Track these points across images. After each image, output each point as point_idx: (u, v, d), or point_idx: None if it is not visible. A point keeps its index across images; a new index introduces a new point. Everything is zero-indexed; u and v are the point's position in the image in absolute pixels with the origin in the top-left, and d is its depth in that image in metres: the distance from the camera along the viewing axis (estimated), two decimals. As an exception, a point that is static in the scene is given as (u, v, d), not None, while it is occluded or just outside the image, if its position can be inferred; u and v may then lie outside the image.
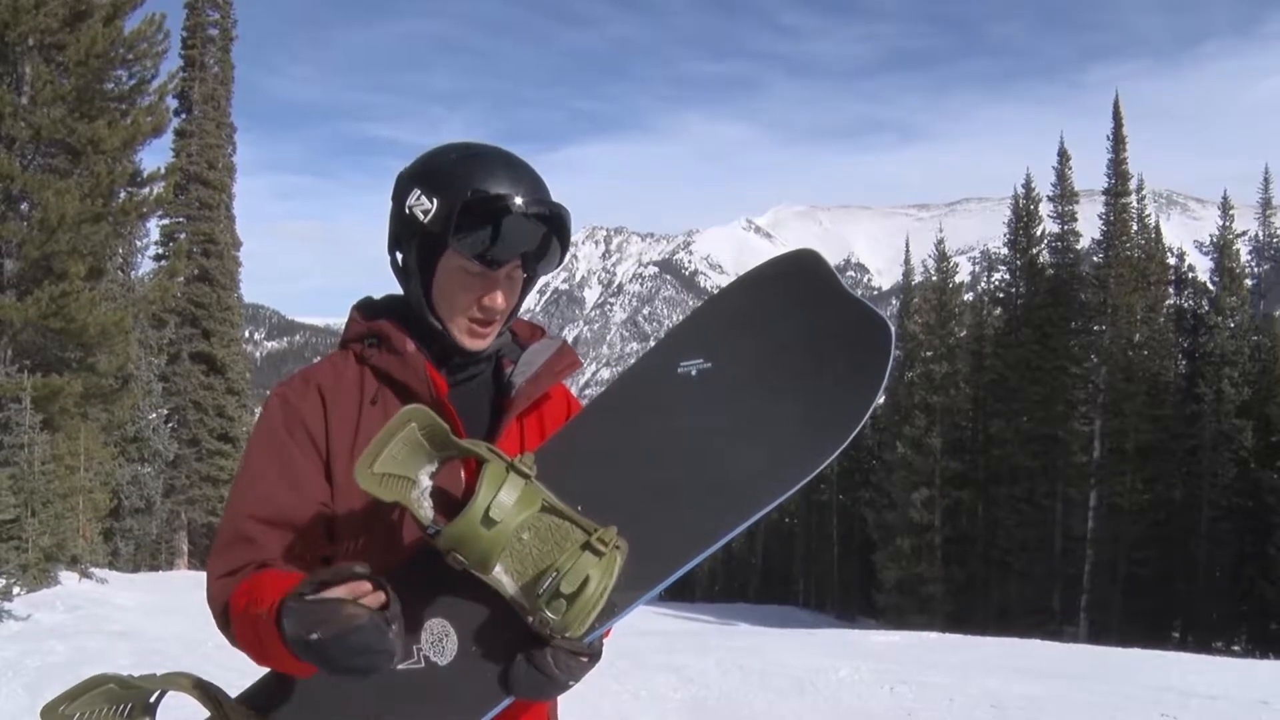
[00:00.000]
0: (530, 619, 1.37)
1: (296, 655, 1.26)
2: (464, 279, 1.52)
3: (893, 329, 1.54)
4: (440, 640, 1.44)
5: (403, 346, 1.54)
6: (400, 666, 1.42)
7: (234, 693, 1.49)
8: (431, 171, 1.53)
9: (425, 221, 1.49)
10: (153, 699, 1.40)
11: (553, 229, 1.52)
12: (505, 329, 1.61)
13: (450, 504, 1.44)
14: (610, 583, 1.37)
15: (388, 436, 1.36)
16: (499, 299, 1.52)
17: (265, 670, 1.49)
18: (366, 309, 1.64)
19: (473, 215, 1.46)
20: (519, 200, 1.47)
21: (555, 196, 1.55)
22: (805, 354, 1.54)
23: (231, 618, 1.42)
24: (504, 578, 1.39)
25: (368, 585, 1.27)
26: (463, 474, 1.52)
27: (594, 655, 1.41)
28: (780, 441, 1.50)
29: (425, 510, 1.38)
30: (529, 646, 1.39)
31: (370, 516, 1.49)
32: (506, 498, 1.36)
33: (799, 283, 1.59)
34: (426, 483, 1.40)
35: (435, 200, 1.49)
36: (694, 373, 1.55)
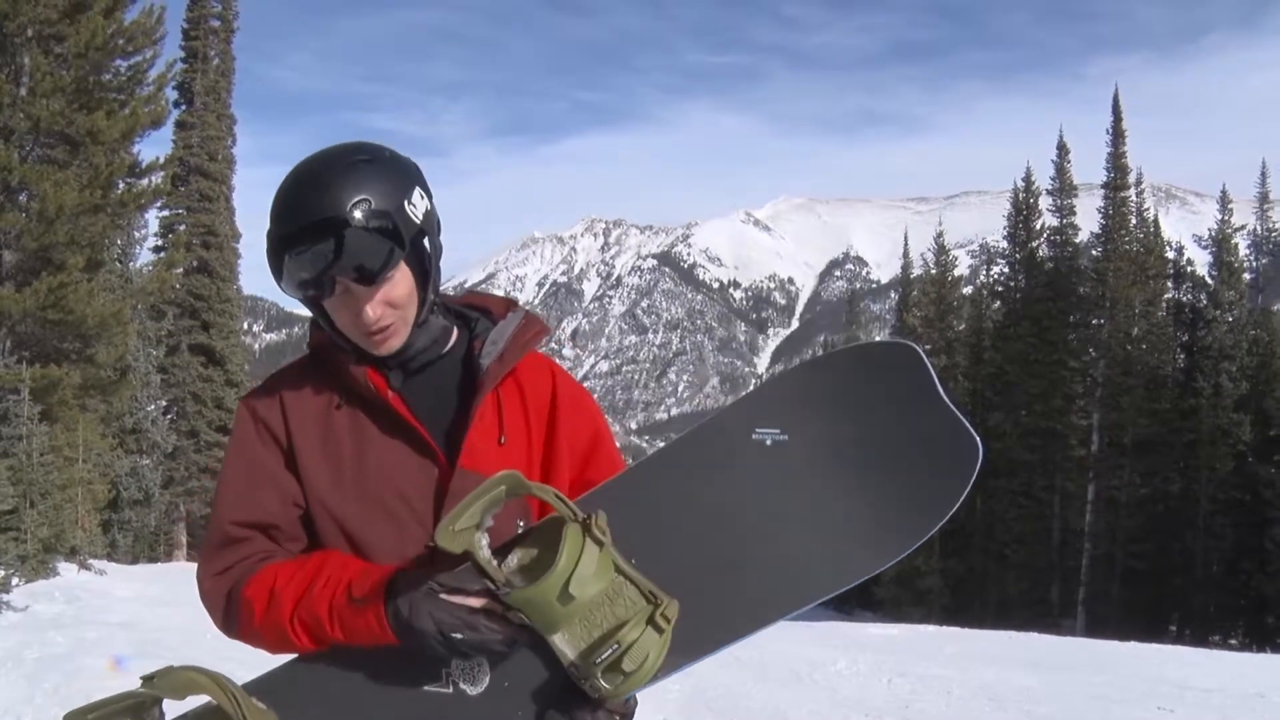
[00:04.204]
0: (582, 682, 1.38)
1: (404, 636, 1.39)
2: (335, 305, 1.49)
3: (980, 447, 1.47)
4: (473, 669, 1.44)
5: (345, 363, 1.54)
6: (428, 688, 1.43)
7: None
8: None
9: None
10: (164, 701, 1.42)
11: (380, 233, 1.42)
12: (426, 316, 1.56)
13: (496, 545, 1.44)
14: (663, 658, 1.38)
15: (475, 499, 1.35)
16: (367, 314, 1.47)
17: (269, 664, 1.52)
18: (316, 323, 1.63)
19: (292, 270, 1.45)
20: (307, 224, 1.42)
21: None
22: (885, 452, 1.49)
23: (257, 610, 1.47)
24: (562, 643, 1.40)
25: (495, 605, 1.39)
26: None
27: (629, 715, 1.47)
28: (843, 537, 1.47)
29: (484, 551, 1.37)
30: (564, 694, 1.42)
31: (346, 513, 1.53)
32: (586, 570, 1.36)
33: (895, 376, 1.53)
34: (489, 522, 1.39)
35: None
36: (769, 442, 1.51)
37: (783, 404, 1.54)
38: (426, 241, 1.51)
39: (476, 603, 1.38)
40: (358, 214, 1.40)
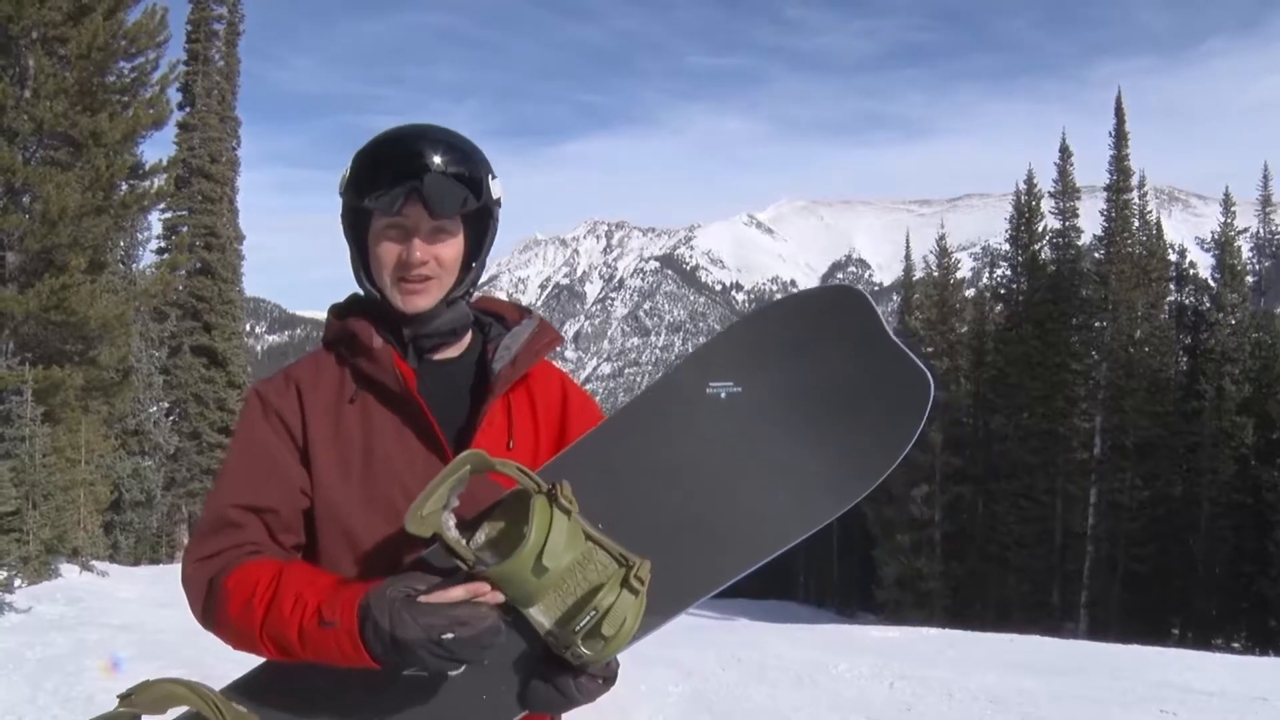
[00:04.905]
0: (563, 651, 1.39)
1: (387, 655, 1.33)
2: (385, 239, 1.54)
3: (933, 382, 1.50)
4: None
5: (370, 342, 1.56)
6: (407, 672, 1.42)
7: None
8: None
9: (342, 189, 1.56)
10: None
11: (463, 180, 1.53)
12: (458, 297, 1.61)
13: (462, 520, 1.44)
14: (640, 619, 1.39)
15: (441, 481, 1.37)
16: (416, 250, 1.52)
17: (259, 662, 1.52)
18: (340, 309, 1.67)
19: (378, 170, 1.51)
20: (417, 148, 1.51)
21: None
22: (838, 395, 1.51)
23: (232, 606, 1.44)
24: (539, 615, 1.40)
25: (485, 585, 1.36)
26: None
27: (611, 679, 1.46)
28: (803, 482, 1.48)
29: (451, 532, 1.38)
30: (544, 663, 1.43)
31: (351, 511, 1.53)
32: (558, 540, 1.35)
33: (841, 320, 1.54)
34: (455, 502, 1.41)
35: (347, 166, 1.56)
36: (723, 395, 1.53)
37: (734, 356, 1.56)
38: (490, 225, 1.62)
39: (458, 596, 1.35)
40: (447, 158, 1.52)
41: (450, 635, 1.31)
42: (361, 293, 1.63)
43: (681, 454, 1.51)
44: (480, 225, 1.60)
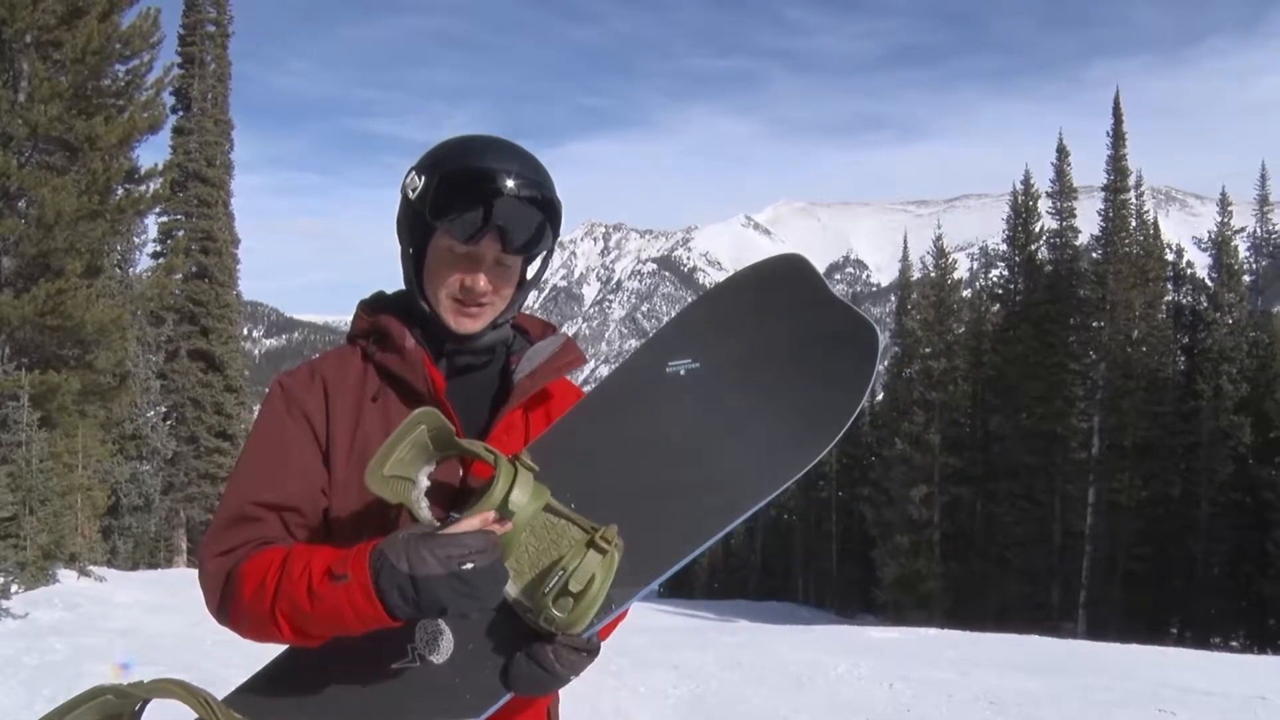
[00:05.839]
0: (536, 618, 1.38)
1: (405, 601, 1.28)
2: (450, 259, 1.52)
3: (879, 332, 1.56)
4: (434, 639, 1.44)
5: (403, 341, 1.55)
6: (394, 665, 1.43)
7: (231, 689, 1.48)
8: (429, 154, 1.56)
9: (413, 199, 1.52)
10: (137, 706, 1.39)
11: (542, 212, 1.52)
12: (505, 320, 1.61)
13: (446, 500, 1.45)
14: (610, 579, 1.38)
15: (399, 439, 1.37)
16: (481, 280, 1.52)
17: (258, 668, 1.50)
18: (372, 304, 1.65)
19: (458, 193, 1.48)
20: (502, 178, 1.48)
21: (557, 193, 1.55)
22: (792, 357, 1.56)
23: (246, 592, 1.40)
24: (510, 585, 1.40)
25: (492, 513, 1.36)
26: (460, 471, 1.52)
27: (593, 651, 1.43)
28: (768, 442, 1.52)
29: (424, 511, 1.39)
30: (525, 642, 1.41)
31: (367, 510, 1.50)
32: (523, 489, 1.37)
33: (786, 286, 1.61)
34: (425, 483, 1.41)
35: (423, 178, 1.52)
36: (682, 372, 1.57)
37: (689, 335, 1.61)
38: (541, 262, 1.63)
39: (474, 525, 1.34)
40: (530, 193, 1.50)
41: (470, 565, 1.28)
42: (404, 289, 1.62)
43: (648, 430, 1.55)
44: (540, 257, 1.62)
